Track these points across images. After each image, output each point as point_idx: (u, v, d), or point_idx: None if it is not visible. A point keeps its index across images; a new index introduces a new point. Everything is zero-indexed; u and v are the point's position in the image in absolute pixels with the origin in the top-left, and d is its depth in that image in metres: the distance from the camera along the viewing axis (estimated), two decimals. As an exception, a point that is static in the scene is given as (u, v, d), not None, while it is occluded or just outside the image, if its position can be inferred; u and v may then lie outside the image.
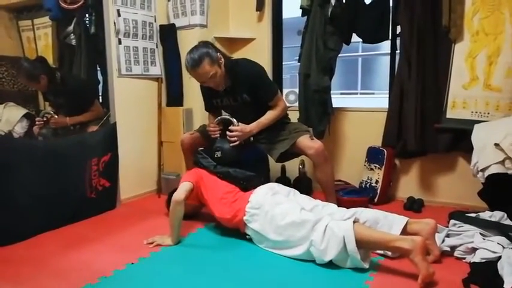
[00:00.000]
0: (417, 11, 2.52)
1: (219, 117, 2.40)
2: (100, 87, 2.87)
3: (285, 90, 3.37)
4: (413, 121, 2.56)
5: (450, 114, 2.54)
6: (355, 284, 1.63)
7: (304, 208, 1.90)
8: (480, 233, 1.85)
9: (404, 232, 1.82)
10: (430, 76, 2.57)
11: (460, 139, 2.52)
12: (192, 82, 3.10)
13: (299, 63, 2.92)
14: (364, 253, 1.71)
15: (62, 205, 2.35)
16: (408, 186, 2.84)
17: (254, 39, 3.28)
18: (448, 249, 1.87)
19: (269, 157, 2.56)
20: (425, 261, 1.57)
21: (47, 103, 2.85)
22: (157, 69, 3.08)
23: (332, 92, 2.87)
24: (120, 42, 2.76)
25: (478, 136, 2.17)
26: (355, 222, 1.72)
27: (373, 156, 2.80)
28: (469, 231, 1.89)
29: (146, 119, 3.05)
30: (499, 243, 1.76)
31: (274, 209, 1.92)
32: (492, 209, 2.10)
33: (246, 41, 3.31)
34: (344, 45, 2.83)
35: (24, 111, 2.75)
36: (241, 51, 3.34)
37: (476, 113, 2.45)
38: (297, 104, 2.98)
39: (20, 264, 1.88)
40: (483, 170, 2.04)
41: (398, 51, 2.72)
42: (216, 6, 3.16)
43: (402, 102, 2.65)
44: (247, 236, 2.07)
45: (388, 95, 2.85)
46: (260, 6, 3.18)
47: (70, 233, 2.27)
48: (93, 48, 2.82)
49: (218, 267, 1.82)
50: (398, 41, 2.71)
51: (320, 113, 2.82)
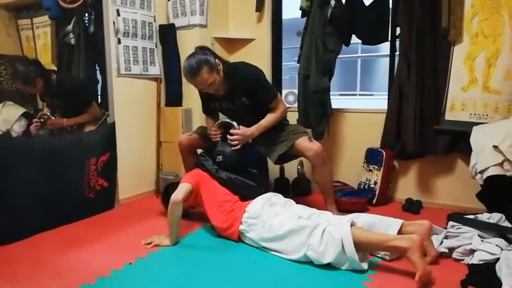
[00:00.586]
0: (417, 12, 2.52)
1: (219, 121, 2.39)
2: (99, 87, 2.86)
3: (284, 91, 3.37)
4: (412, 123, 2.57)
5: (449, 116, 2.54)
6: (354, 285, 1.63)
7: (302, 216, 1.91)
8: (478, 235, 1.85)
9: (400, 234, 1.83)
10: (429, 78, 2.58)
11: (458, 141, 2.53)
12: (191, 82, 3.11)
13: (298, 64, 2.92)
14: (363, 255, 1.72)
15: (60, 205, 2.35)
16: (407, 187, 2.84)
17: (254, 39, 3.28)
18: (446, 250, 1.87)
19: (268, 160, 2.55)
20: (422, 259, 1.58)
21: (45, 103, 2.84)
22: (156, 69, 3.08)
23: (331, 93, 2.87)
24: (119, 42, 2.76)
25: (477, 138, 2.18)
26: (352, 225, 1.73)
27: (371, 157, 2.80)
28: (468, 233, 1.89)
29: (145, 119, 3.05)
30: (497, 245, 1.76)
31: (272, 219, 1.94)
32: (490, 210, 2.11)
33: (245, 42, 3.31)
34: (343, 46, 2.83)
35: (22, 110, 2.74)
36: (241, 52, 3.34)
37: (475, 115, 2.46)
38: (296, 104, 2.98)
39: (17, 264, 1.87)
40: (482, 171, 2.04)
41: (397, 53, 2.72)
42: (215, 6, 3.16)
43: (401, 103, 2.66)
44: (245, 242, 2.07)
45: (387, 97, 2.85)
46: (260, 7, 3.18)
47: (68, 233, 2.27)
48: (92, 47, 2.81)
49: (216, 267, 1.82)
50: (397, 43, 2.72)
51: (319, 114, 2.82)
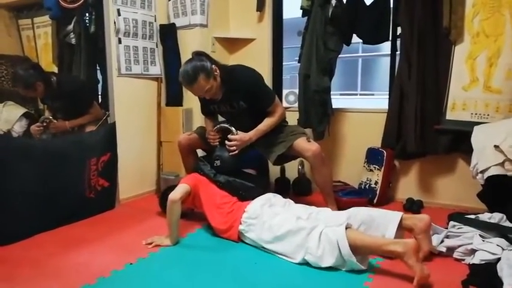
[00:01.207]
0: (418, 12, 2.51)
1: (218, 126, 2.39)
2: (99, 87, 2.86)
3: (284, 91, 3.37)
4: (413, 122, 2.56)
5: (450, 115, 2.54)
6: (354, 285, 1.63)
7: (301, 217, 1.91)
8: (479, 235, 1.85)
9: (400, 227, 1.85)
10: (430, 77, 2.57)
11: (459, 140, 2.52)
12: (192, 82, 3.11)
13: (299, 64, 2.92)
14: (362, 257, 1.72)
15: (60, 205, 2.35)
16: (407, 187, 2.84)
17: (254, 39, 3.28)
18: (444, 249, 1.87)
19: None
20: (419, 263, 1.58)
21: (45, 106, 2.84)
22: (157, 69, 3.08)
23: (332, 92, 2.87)
24: (120, 42, 2.76)
25: (478, 138, 2.18)
26: (347, 228, 1.73)
27: (372, 157, 2.79)
28: (468, 233, 1.88)
29: (145, 119, 3.05)
30: (498, 245, 1.76)
31: (271, 220, 1.94)
32: (491, 210, 2.11)
33: (246, 41, 3.31)
34: (344, 45, 2.83)
35: (23, 111, 2.75)
36: (241, 52, 3.34)
37: (476, 114, 2.45)
38: (296, 104, 2.97)
39: (18, 264, 1.87)
40: (483, 171, 2.04)
41: (398, 52, 2.72)
42: (216, 6, 3.16)
43: (402, 103, 2.65)
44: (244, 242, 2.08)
45: (388, 96, 2.85)
46: (260, 7, 3.17)
47: (68, 233, 2.27)
48: (92, 47, 2.81)
49: (217, 267, 1.82)
50: (398, 42, 2.71)
51: (320, 114, 2.82)
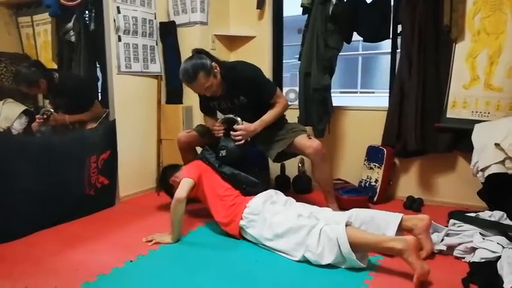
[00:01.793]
0: (418, 10, 2.51)
1: (223, 117, 2.38)
2: (99, 85, 2.86)
3: (285, 89, 3.36)
4: (413, 120, 2.56)
5: (450, 113, 2.53)
6: (355, 283, 1.62)
7: (302, 215, 1.91)
8: (480, 233, 1.85)
9: (400, 228, 1.85)
10: (431, 75, 2.57)
11: (460, 139, 2.52)
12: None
13: (299, 62, 2.91)
14: (361, 254, 1.72)
15: (60, 202, 2.35)
16: (408, 185, 2.84)
17: (254, 37, 3.27)
18: (444, 248, 1.87)
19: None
20: (419, 260, 1.58)
21: (46, 100, 2.84)
22: (157, 67, 3.07)
23: (332, 90, 2.86)
24: (119, 39, 2.75)
25: (479, 136, 2.17)
26: (348, 225, 1.73)
27: (372, 155, 2.79)
28: (469, 231, 1.88)
29: (146, 117, 3.04)
30: (498, 243, 1.76)
31: (273, 217, 1.94)
32: (492, 208, 2.10)
33: (246, 39, 3.30)
34: (344, 43, 2.82)
35: (23, 108, 2.74)
36: (242, 49, 3.33)
37: (476, 112, 2.45)
38: (297, 102, 2.97)
39: (18, 262, 1.87)
40: (483, 169, 2.04)
41: (399, 50, 2.71)
42: (216, 3, 3.15)
43: (402, 101, 2.65)
44: (245, 238, 2.07)
45: (388, 94, 2.84)
46: (261, 4, 3.17)
47: (68, 231, 2.27)
48: (92, 45, 2.80)
49: (217, 265, 1.82)
50: (399, 40, 2.70)
51: (320, 112, 2.81)
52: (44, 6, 2.76)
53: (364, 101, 8.56)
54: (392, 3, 2.70)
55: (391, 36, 2.76)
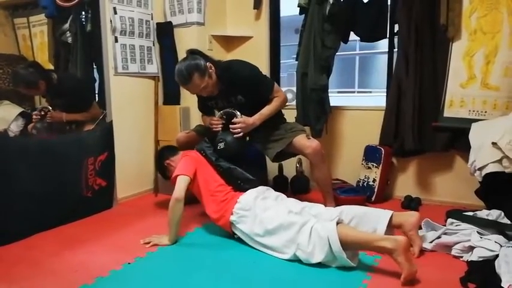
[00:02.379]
0: (415, 9, 2.51)
1: (222, 111, 2.36)
2: (96, 86, 2.85)
3: (282, 89, 3.35)
4: (410, 120, 2.56)
5: (448, 112, 2.54)
6: (353, 283, 1.62)
7: (292, 211, 1.90)
8: (477, 232, 1.85)
9: (390, 224, 1.88)
10: (428, 75, 2.57)
11: (457, 138, 2.53)
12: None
13: (296, 62, 2.91)
14: (352, 253, 1.72)
15: (58, 204, 2.34)
16: (406, 184, 2.84)
17: (252, 37, 3.27)
18: (428, 247, 1.90)
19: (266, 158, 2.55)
20: (408, 260, 1.58)
21: (43, 99, 2.83)
22: (154, 68, 3.06)
23: (329, 90, 2.86)
24: (116, 40, 2.74)
25: (476, 135, 2.18)
26: (339, 223, 1.73)
27: (370, 154, 2.79)
28: (467, 230, 1.89)
29: (143, 118, 3.03)
30: (496, 242, 1.76)
31: (263, 213, 1.94)
32: (489, 207, 2.11)
33: (243, 39, 3.30)
34: (341, 43, 2.83)
35: (19, 110, 2.74)
36: (239, 50, 3.32)
37: (473, 111, 2.46)
38: (294, 102, 2.97)
39: (16, 264, 1.86)
40: (480, 168, 2.04)
41: (396, 50, 2.72)
42: (213, 4, 3.15)
43: (400, 100, 2.65)
44: (236, 235, 2.07)
45: (385, 94, 2.84)
46: (258, 4, 3.16)
47: (66, 233, 2.26)
48: (89, 46, 2.80)
49: (215, 266, 1.81)
50: (396, 40, 2.71)
51: (318, 112, 2.82)
52: (40, 7, 2.76)
53: (361, 101, 8.58)
54: (389, 3, 2.70)
55: (388, 36, 2.77)
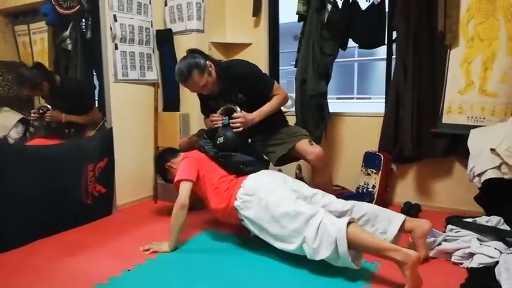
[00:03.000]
0: (413, 16, 2.53)
1: (222, 107, 2.34)
2: (96, 93, 2.86)
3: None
4: (409, 126, 2.57)
5: (446, 119, 2.55)
6: (353, 290, 1.62)
7: (305, 194, 1.85)
8: (477, 238, 1.85)
9: (401, 229, 1.85)
10: (426, 81, 2.59)
11: (456, 144, 2.53)
12: (189, 87, 3.11)
13: (295, 69, 2.92)
14: (355, 254, 1.66)
15: (57, 211, 2.33)
16: (405, 191, 2.84)
17: (251, 44, 3.29)
18: (429, 254, 1.88)
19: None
20: (415, 275, 1.53)
21: (43, 101, 2.82)
22: (153, 74, 3.07)
23: (328, 96, 2.87)
24: (116, 48, 2.76)
25: (474, 141, 2.18)
26: (350, 222, 1.66)
27: (369, 161, 2.80)
28: (466, 236, 1.89)
29: (142, 124, 3.04)
30: (496, 248, 1.76)
31: (268, 196, 1.87)
32: (489, 213, 2.11)
33: (242, 46, 3.31)
34: (340, 50, 2.84)
35: (19, 116, 2.73)
36: (238, 57, 3.33)
37: (472, 118, 2.47)
38: (293, 109, 2.98)
39: (15, 271, 1.85)
40: (480, 175, 2.05)
41: (394, 56, 2.73)
42: (212, 11, 3.17)
43: (398, 107, 2.66)
44: (243, 222, 2.00)
45: (384, 100, 2.86)
46: (257, 12, 3.19)
47: (66, 240, 2.26)
48: (89, 53, 2.81)
49: (215, 273, 1.81)
50: (394, 46, 2.73)
51: (317, 118, 2.82)
52: (40, 14, 2.77)
53: (360, 107, 8.60)
54: (387, 10, 2.72)
55: (386, 43, 2.79)
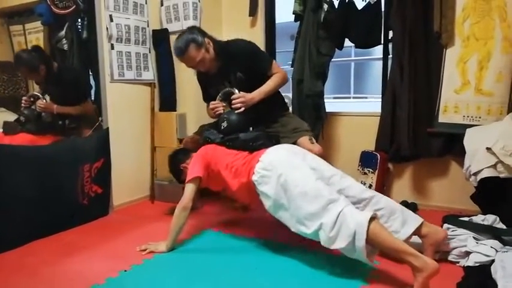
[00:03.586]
0: (409, 16, 2.54)
1: (220, 93, 2.32)
2: (92, 93, 2.85)
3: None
4: (406, 125, 2.58)
5: (442, 118, 2.56)
6: (351, 289, 1.62)
7: (324, 174, 1.82)
8: (473, 237, 1.86)
9: (416, 232, 1.79)
10: (422, 81, 2.60)
11: (452, 143, 2.55)
12: (185, 87, 3.11)
13: (292, 68, 2.93)
14: (371, 249, 1.62)
15: (53, 212, 2.32)
16: (402, 190, 2.85)
17: (247, 44, 3.29)
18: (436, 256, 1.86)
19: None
20: (426, 285, 1.51)
21: (37, 88, 2.81)
22: (150, 74, 3.07)
23: (325, 96, 2.88)
24: (112, 47, 2.75)
25: (470, 140, 2.19)
26: (373, 218, 1.59)
27: (366, 160, 2.80)
28: (462, 235, 1.89)
29: (139, 124, 3.03)
30: (492, 247, 1.77)
31: (288, 172, 1.80)
32: (485, 212, 2.12)
33: (239, 46, 3.31)
34: (336, 50, 2.85)
35: (15, 117, 2.72)
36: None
37: (468, 117, 2.48)
38: (290, 109, 2.97)
39: (11, 272, 1.85)
40: (475, 173, 2.06)
41: (390, 56, 2.74)
42: (209, 11, 3.16)
43: (395, 106, 2.67)
44: (259, 196, 1.92)
45: (381, 99, 2.86)
46: (253, 12, 3.19)
47: (62, 241, 2.24)
48: (85, 53, 2.80)
49: (213, 274, 1.80)
50: (390, 46, 2.73)
51: (313, 118, 2.83)
52: (36, 14, 2.75)
53: (357, 106, 8.60)
54: (383, 10, 2.73)
55: (382, 42, 2.80)
